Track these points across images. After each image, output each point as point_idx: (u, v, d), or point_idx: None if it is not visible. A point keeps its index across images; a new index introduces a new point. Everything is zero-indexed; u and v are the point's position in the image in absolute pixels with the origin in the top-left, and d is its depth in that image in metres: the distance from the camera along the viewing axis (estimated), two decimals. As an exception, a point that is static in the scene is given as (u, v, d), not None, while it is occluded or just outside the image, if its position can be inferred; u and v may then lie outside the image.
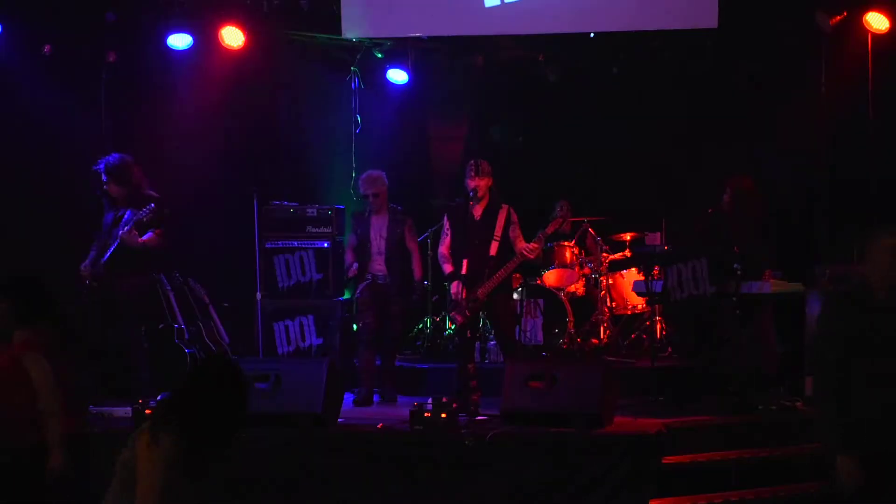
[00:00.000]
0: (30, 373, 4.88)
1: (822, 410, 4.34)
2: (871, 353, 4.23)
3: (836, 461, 4.21)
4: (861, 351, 4.23)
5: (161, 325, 8.18)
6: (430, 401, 6.67)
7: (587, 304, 9.46)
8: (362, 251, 8.13)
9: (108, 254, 7.67)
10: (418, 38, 9.29)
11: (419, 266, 8.27)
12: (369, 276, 8.07)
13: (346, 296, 8.49)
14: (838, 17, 8.34)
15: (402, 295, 8.14)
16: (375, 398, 8.08)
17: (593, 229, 9.59)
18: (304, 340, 8.51)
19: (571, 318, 8.93)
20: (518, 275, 8.53)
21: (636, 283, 8.75)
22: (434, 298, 9.48)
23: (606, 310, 9.34)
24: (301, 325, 8.52)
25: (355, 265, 8.13)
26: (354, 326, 8.18)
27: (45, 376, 4.89)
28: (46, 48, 8.52)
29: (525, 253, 7.30)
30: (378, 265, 8.09)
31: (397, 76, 9.70)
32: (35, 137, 8.56)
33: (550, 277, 9.28)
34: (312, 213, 8.59)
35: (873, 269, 4.33)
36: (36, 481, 4.84)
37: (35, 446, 4.85)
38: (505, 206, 7.44)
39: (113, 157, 7.74)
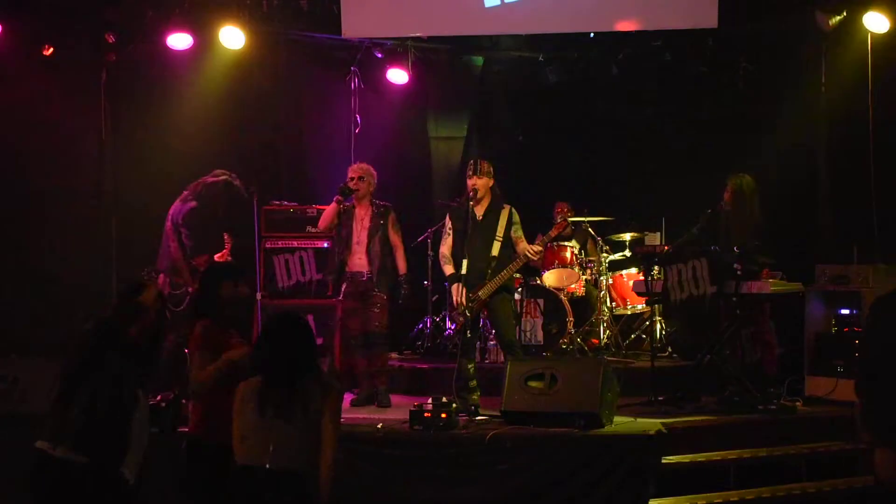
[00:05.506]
0: None
1: (865, 403, 4.21)
2: None
3: (875, 455, 4.11)
4: None
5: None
6: (430, 401, 6.68)
7: (587, 304, 9.46)
8: (344, 245, 7.77)
9: None
10: (418, 38, 9.29)
11: (403, 260, 7.85)
12: (348, 275, 7.75)
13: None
14: (838, 17, 8.35)
15: (382, 290, 7.72)
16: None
17: (593, 229, 9.60)
18: (304, 341, 8.48)
19: (571, 318, 8.93)
20: (518, 275, 8.52)
21: (636, 283, 8.75)
22: (434, 298, 9.48)
23: (606, 310, 9.35)
24: (301, 326, 8.49)
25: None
26: None
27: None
28: (46, 48, 8.52)
29: (528, 254, 7.28)
30: (358, 258, 7.71)
31: (397, 76, 9.70)
32: (35, 137, 8.55)
33: (550, 277, 9.28)
34: (312, 213, 8.60)
35: None
36: None
37: None
38: (507, 206, 7.39)
39: None
